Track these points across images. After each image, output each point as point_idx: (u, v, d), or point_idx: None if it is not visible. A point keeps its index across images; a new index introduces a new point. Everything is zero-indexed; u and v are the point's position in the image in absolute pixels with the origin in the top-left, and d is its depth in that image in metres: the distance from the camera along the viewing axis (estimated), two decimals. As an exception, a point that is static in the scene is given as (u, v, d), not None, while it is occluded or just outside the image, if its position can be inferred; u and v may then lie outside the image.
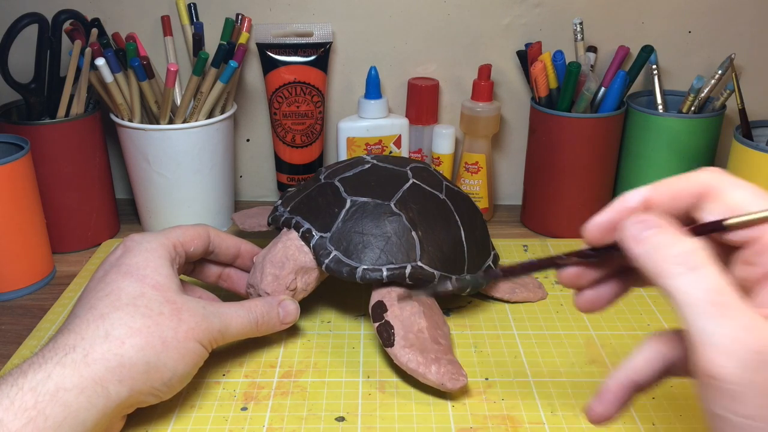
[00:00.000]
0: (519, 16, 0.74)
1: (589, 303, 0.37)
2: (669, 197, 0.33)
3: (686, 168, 0.69)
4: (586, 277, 0.36)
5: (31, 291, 0.63)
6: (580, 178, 0.70)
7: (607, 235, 0.34)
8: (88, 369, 0.40)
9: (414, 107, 0.75)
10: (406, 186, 0.56)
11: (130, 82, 0.66)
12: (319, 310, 0.59)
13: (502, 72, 0.76)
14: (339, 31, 0.75)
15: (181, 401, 0.48)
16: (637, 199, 0.33)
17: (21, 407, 0.37)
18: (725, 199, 0.31)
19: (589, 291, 0.36)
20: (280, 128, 0.76)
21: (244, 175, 0.83)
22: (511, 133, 0.80)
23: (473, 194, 0.75)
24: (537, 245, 0.70)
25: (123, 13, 0.74)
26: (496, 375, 0.51)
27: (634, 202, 0.33)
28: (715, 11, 0.73)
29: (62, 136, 0.66)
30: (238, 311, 0.49)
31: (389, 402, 0.48)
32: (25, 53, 0.66)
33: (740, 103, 0.65)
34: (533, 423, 0.46)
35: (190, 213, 0.71)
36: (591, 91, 0.68)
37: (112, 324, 0.42)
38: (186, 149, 0.68)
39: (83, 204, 0.69)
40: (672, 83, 0.76)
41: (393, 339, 0.49)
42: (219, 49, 0.66)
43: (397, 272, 0.52)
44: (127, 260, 0.46)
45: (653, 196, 0.33)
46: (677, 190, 0.33)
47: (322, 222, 0.54)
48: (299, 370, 0.52)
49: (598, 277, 0.36)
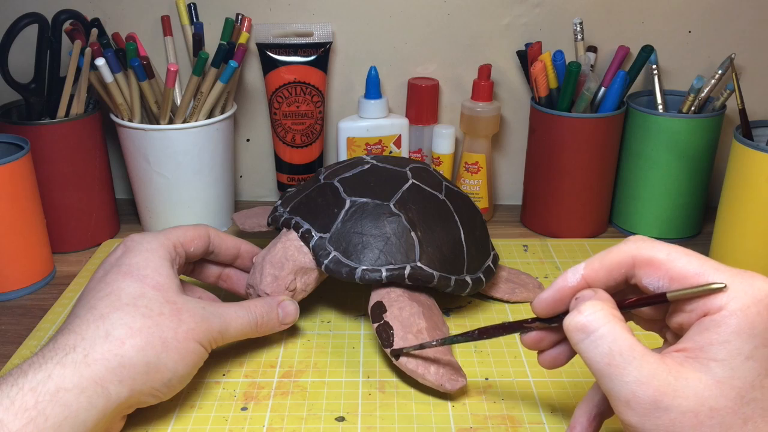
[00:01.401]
0: (519, 16, 0.74)
1: (551, 361, 0.41)
2: (604, 272, 0.37)
3: (686, 168, 0.69)
4: (546, 341, 0.41)
5: (31, 291, 0.63)
6: (580, 178, 0.70)
7: (553, 309, 0.39)
8: (89, 369, 0.40)
9: (414, 107, 0.75)
10: (405, 186, 0.56)
11: (130, 82, 0.66)
12: (319, 310, 0.59)
13: (502, 72, 0.76)
14: (339, 31, 0.75)
15: (181, 401, 0.48)
16: (575, 278, 0.37)
17: (21, 407, 0.37)
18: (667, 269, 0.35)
19: (549, 351, 0.41)
20: (280, 128, 0.76)
21: (244, 175, 0.83)
22: (511, 133, 0.80)
23: (473, 194, 0.75)
24: (537, 245, 0.70)
25: (123, 13, 0.74)
26: (496, 375, 0.51)
27: (573, 280, 0.38)
28: (715, 11, 0.73)
29: (62, 136, 0.66)
30: (238, 312, 0.49)
31: (389, 402, 0.48)
32: (25, 53, 0.66)
33: (740, 103, 0.65)
34: (533, 423, 0.46)
35: (190, 213, 0.71)
36: (591, 91, 0.68)
37: (112, 324, 0.42)
38: (186, 149, 0.68)
39: (83, 204, 0.69)
40: (672, 83, 0.76)
41: (392, 340, 0.49)
42: (219, 49, 0.66)
43: (396, 273, 0.52)
44: (127, 260, 0.46)
45: (589, 273, 0.37)
46: (610, 264, 0.37)
47: (321, 222, 0.54)
48: (299, 370, 0.52)
49: (556, 339, 0.41)
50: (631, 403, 0.33)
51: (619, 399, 0.33)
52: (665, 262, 0.35)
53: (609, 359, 0.33)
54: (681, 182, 0.70)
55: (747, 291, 0.32)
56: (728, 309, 0.32)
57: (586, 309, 0.35)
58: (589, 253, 0.68)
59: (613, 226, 0.76)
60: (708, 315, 0.33)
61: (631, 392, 0.33)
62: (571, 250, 0.69)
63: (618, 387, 0.33)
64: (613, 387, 0.33)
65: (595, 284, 0.37)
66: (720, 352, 0.32)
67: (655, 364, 0.33)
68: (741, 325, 0.32)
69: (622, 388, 0.33)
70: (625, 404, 0.33)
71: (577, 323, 0.35)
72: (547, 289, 0.39)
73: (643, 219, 0.73)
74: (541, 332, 0.40)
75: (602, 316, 0.34)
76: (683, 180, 0.70)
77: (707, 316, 0.33)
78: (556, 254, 0.68)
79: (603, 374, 0.34)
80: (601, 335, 0.34)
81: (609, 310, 0.35)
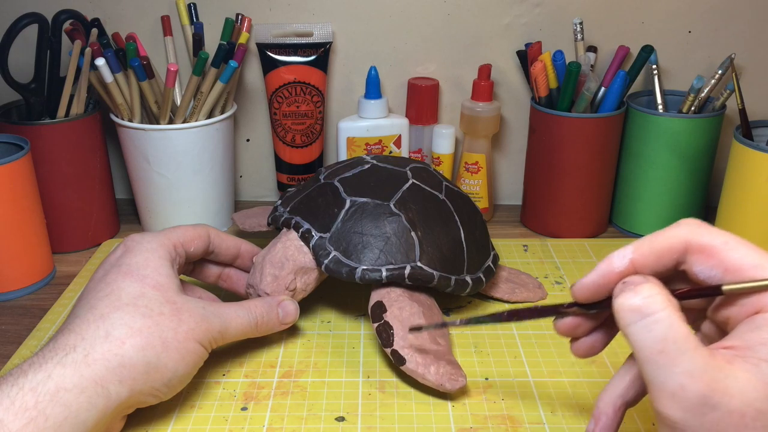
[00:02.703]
0: (519, 16, 0.74)
1: (586, 349, 0.39)
2: (654, 257, 0.35)
3: (686, 168, 0.69)
4: (582, 328, 0.39)
5: (31, 291, 0.63)
6: (580, 178, 0.70)
7: (595, 295, 0.36)
8: (89, 369, 0.40)
9: (414, 107, 0.75)
10: (405, 186, 0.56)
11: (130, 82, 0.66)
12: (319, 310, 0.59)
13: (502, 72, 0.76)
14: (339, 31, 0.75)
15: (181, 401, 0.48)
16: (623, 263, 0.35)
17: (21, 407, 0.37)
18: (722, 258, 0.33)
19: (584, 339, 0.39)
20: (280, 128, 0.76)
21: (244, 175, 0.83)
22: (511, 133, 0.80)
23: (473, 194, 0.75)
24: (537, 245, 0.70)
25: (123, 13, 0.74)
26: (496, 375, 0.51)
27: (620, 265, 0.35)
28: (715, 11, 0.73)
29: (62, 136, 0.66)
30: (238, 311, 0.49)
31: (389, 402, 0.48)
32: (25, 53, 0.66)
33: (740, 103, 0.65)
34: (533, 423, 0.46)
35: (190, 213, 0.71)
36: (591, 91, 0.68)
37: (112, 324, 0.42)
38: (186, 149, 0.68)
39: (83, 204, 0.69)
40: (672, 83, 0.76)
41: (392, 339, 0.49)
42: (219, 49, 0.66)
43: (396, 272, 0.52)
44: (127, 260, 0.46)
45: (637, 258, 0.35)
46: (660, 249, 0.35)
47: (321, 222, 0.54)
48: (299, 370, 0.52)
49: (592, 327, 0.39)
50: (678, 396, 0.30)
51: (664, 390, 0.31)
52: (721, 250, 0.33)
53: (662, 346, 0.31)
54: (681, 182, 0.70)
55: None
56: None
57: (644, 291, 0.32)
58: (589, 253, 0.68)
59: (613, 226, 0.76)
60: (761, 312, 0.31)
61: (679, 384, 0.30)
62: (571, 250, 0.69)
63: (666, 377, 0.31)
64: (660, 376, 0.31)
65: (644, 270, 0.35)
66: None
67: (708, 358, 0.31)
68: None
69: (671, 378, 0.31)
70: (670, 396, 0.31)
71: (633, 304, 0.32)
72: (589, 273, 0.36)
73: (643, 219, 0.73)
74: (578, 318, 0.38)
75: (660, 300, 0.32)
76: (683, 180, 0.70)
77: (759, 313, 0.31)
78: (556, 254, 0.68)
79: (651, 362, 0.31)
80: (657, 320, 0.32)
81: (667, 295, 0.33)
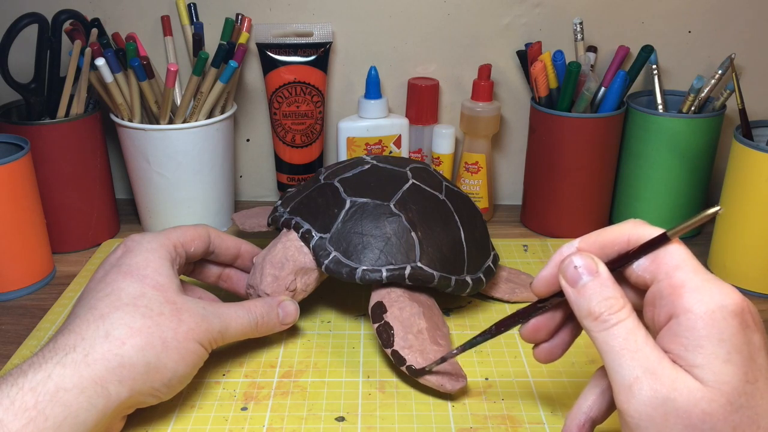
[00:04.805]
0: (519, 16, 0.74)
1: (546, 354, 0.41)
2: (598, 248, 0.37)
3: (686, 168, 0.69)
4: (543, 331, 0.41)
5: (31, 291, 0.63)
6: (580, 178, 0.70)
7: (552, 286, 0.39)
8: (89, 369, 0.40)
9: (414, 107, 0.75)
10: (405, 186, 0.56)
11: (130, 82, 0.66)
12: (319, 310, 0.59)
13: (502, 72, 0.76)
14: (339, 31, 0.75)
15: (181, 401, 0.48)
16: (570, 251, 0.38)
17: (21, 407, 0.37)
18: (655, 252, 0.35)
19: (544, 345, 0.41)
20: (280, 128, 0.76)
21: (244, 175, 0.83)
22: (511, 133, 0.80)
23: (473, 194, 0.75)
24: (537, 245, 0.70)
25: (123, 13, 0.74)
26: (496, 375, 0.51)
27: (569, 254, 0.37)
28: (715, 11, 0.73)
29: (62, 136, 0.66)
30: (238, 312, 0.49)
31: (389, 402, 0.48)
32: (25, 53, 0.66)
33: (740, 103, 0.65)
34: (533, 423, 0.46)
35: (190, 213, 0.71)
36: (591, 91, 0.68)
37: (112, 324, 0.42)
38: (186, 149, 0.68)
39: (83, 204, 0.69)
40: (672, 83, 0.76)
41: (392, 340, 0.49)
42: (219, 49, 0.66)
43: (396, 273, 0.52)
44: (127, 260, 0.46)
45: (583, 247, 0.38)
46: (604, 241, 0.37)
47: (321, 222, 0.54)
48: (299, 370, 0.52)
49: (553, 329, 0.41)
50: (633, 389, 0.32)
51: (623, 384, 0.33)
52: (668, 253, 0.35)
53: (626, 343, 0.33)
54: (681, 182, 0.70)
55: (714, 296, 0.32)
56: (694, 312, 0.32)
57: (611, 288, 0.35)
58: (589, 253, 0.68)
59: (613, 226, 0.76)
60: (673, 318, 0.33)
61: (635, 377, 0.32)
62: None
63: (627, 371, 0.33)
64: (621, 370, 0.33)
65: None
66: (697, 357, 0.32)
67: (663, 354, 0.33)
68: (709, 330, 0.32)
69: (629, 372, 0.33)
70: (627, 389, 0.33)
71: (601, 302, 0.35)
72: (544, 267, 0.39)
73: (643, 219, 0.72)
74: (538, 321, 0.40)
75: (623, 298, 0.35)
76: (683, 180, 0.70)
77: (673, 318, 0.33)
78: (556, 254, 0.68)
79: (615, 357, 0.33)
80: (624, 315, 0.34)
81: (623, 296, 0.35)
